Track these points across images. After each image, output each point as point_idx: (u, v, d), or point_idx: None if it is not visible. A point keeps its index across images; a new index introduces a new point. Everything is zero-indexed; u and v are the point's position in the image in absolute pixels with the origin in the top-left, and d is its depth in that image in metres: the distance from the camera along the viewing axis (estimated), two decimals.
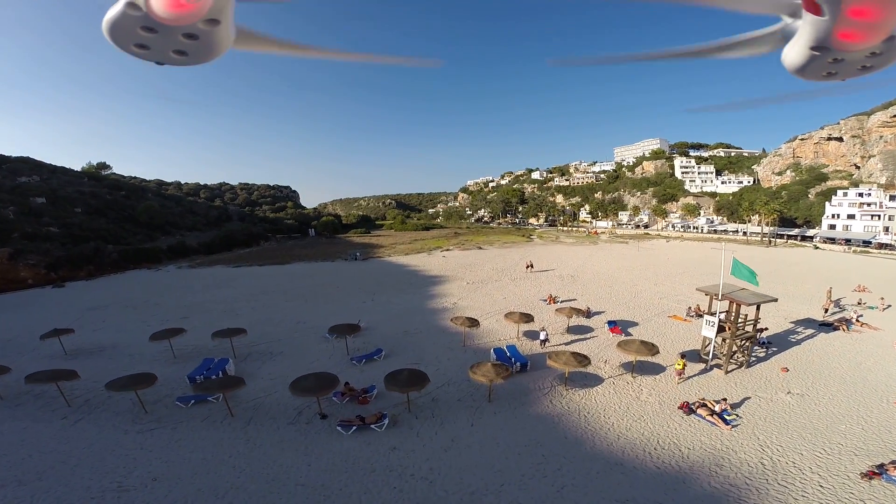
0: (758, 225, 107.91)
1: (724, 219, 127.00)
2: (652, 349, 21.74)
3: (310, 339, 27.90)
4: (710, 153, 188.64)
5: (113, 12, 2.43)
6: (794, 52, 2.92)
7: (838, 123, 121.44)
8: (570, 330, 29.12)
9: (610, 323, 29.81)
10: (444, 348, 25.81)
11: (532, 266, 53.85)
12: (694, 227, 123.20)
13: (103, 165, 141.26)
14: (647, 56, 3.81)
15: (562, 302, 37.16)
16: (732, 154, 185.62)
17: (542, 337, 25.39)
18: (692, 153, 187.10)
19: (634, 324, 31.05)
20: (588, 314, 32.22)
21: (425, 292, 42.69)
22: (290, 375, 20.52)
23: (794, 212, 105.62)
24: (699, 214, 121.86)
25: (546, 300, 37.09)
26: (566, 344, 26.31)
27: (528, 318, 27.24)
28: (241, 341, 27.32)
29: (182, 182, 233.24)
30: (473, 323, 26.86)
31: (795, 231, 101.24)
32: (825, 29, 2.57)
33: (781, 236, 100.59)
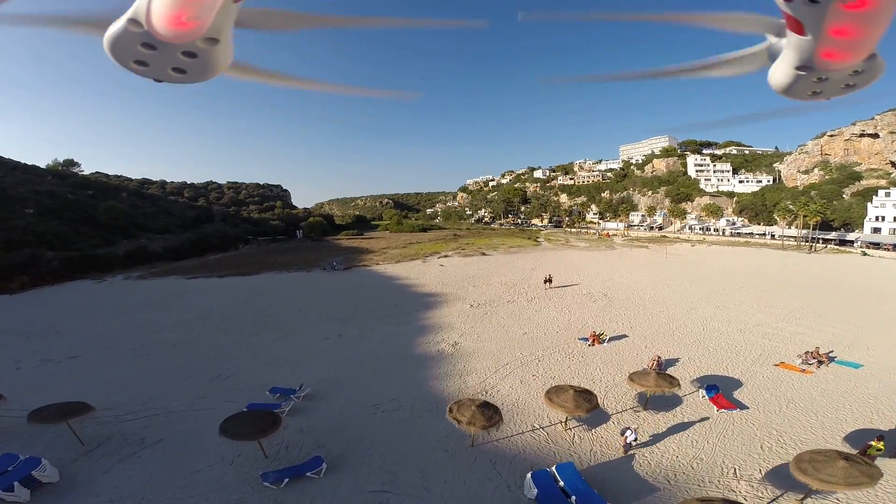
0: (790, 227, 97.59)
1: (746, 220, 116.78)
2: (867, 471, 11.00)
3: (217, 415, 16.88)
4: (722, 151, 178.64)
5: (114, 28, 2.43)
6: (779, 73, 2.94)
7: (873, 119, 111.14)
8: (646, 402, 18.27)
9: (709, 390, 18.90)
10: (439, 454, 14.87)
11: (551, 281, 43.06)
12: (715, 230, 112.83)
13: (71, 163, 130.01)
14: (634, 75, 3.80)
15: (609, 340, 26.34)
16: (747, 152, 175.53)
17: (627, 438, 14.48)
18: (705, 151, 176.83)
19: (734, 382, 20.31)
20: (660, 365, 21.47)
21: (415, 322, 31.77)
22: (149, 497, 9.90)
23: (831, 213, 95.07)
24: (722, 215, 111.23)
25: (588, 340, 26.16)
26: (654, 442, 15.46)
27: (586, 397, 16.08)
28: (99, 416, 16.60)
29: (168, 181, 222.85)
30: (491, 417, 14.73)
31: (833, 234, 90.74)
32: (809, 48, 2.60)
33: (816, 240, 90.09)
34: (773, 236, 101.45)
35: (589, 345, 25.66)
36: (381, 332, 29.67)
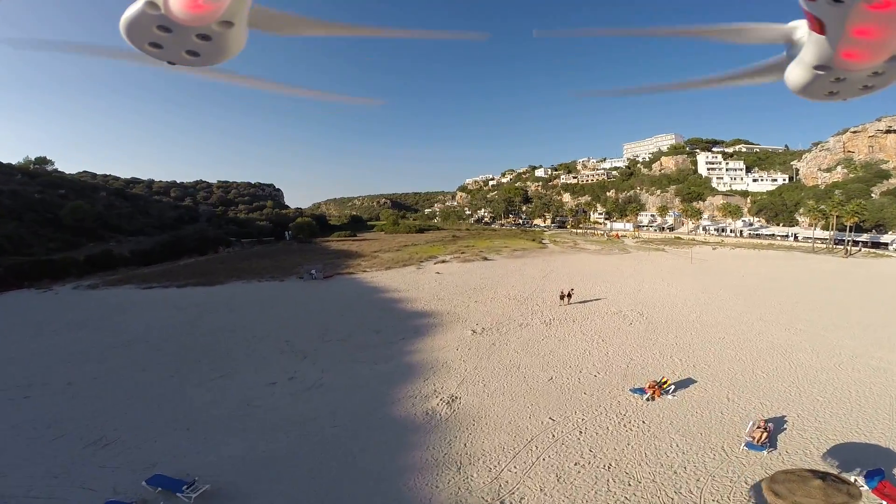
0: (815, 228, 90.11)
1: (763, 221, 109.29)
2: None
3: None
4: (732, 149, 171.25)
5: (131, 10, 2.45)
6: (797, 72, 2.91)
7: None
8: None
9: (870, 477, 11.33)
10: None
11: (570, 296, 35.33)
12: (731, 231, 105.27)
13: (43, 160, 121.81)
14: (661, 87, 3.98)
15: (674, 392, 18.52)
16: (757, 150, 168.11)
17: None
18: (714, 150, 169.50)
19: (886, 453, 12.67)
20: (769, 433, 13.82)
21: (397, 358, 23.96)
22: None
23: (867, 214, 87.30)
24: (741, 215, 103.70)
25: (647, 392, 18.27)
26: None
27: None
28: None
29: (155, 180, 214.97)
30: None
31: (865, 237, 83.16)
32: (829, 48, 2.56)
33: (842, 241, 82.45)
34: (795, 238, 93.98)
35: (647, 399, 17.88)
36: (349, 373, 21.88)
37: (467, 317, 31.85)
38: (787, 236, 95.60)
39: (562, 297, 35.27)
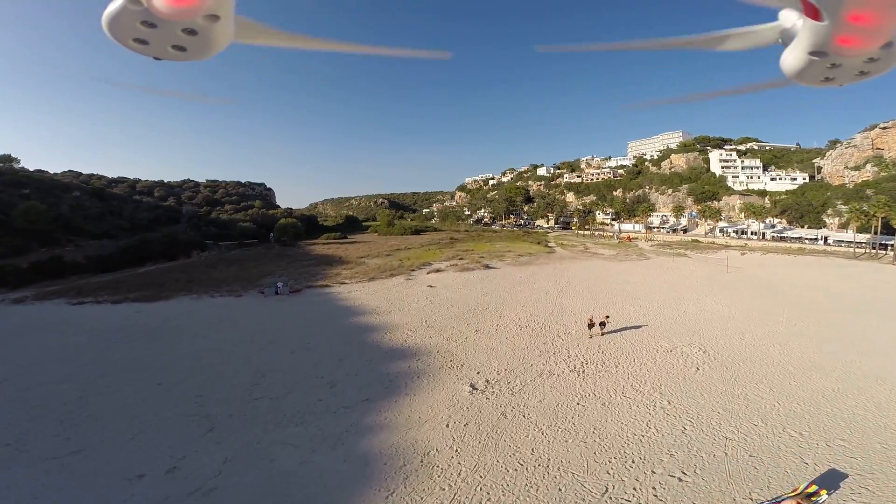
0: (847, 231, 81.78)
1: (786, 222, 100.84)
2: None
3: None
4: (745, 147, 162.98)
5: (113, 6, 2.40)
6: (792, 57, 2.89)
7: None
8: None
9: None
10: None
11: (604, 325, 26.68)
12: (753, 233, 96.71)
13: (8, 158, 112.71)
14: (639, 45, 3.68)
15: None
16: (768, 148, 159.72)
17: None
18: (726, 148, 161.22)
19: None
20: None
21: (351, 437, 15.17)
22: None
23: None
24: (766, 216, 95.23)
25: None
26: None
27: None
28: None
29: (141, 179, 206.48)
30: None
31: None
32: (824, 34, 2.54)
33: (885, 245, 73.94)
34: (825, 241, 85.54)
35: None
36: (265, 468, 13.16)
37: (464, 358, 23.17)
38: (816, 239, 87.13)
39: (590, 326, 26.59)
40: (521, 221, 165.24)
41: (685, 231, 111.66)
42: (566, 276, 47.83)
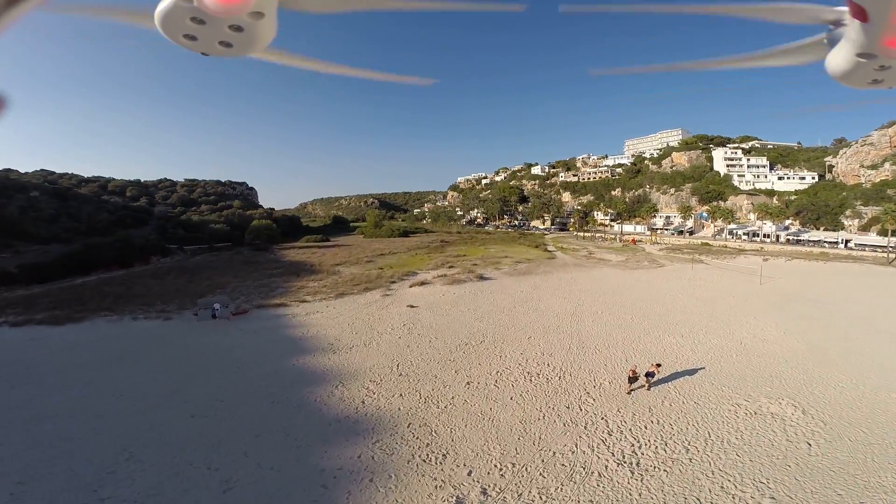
0: (868, 233, 75.33)
1: (798, 223, 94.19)
2: None
3: None
4: (748, 145, 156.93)
5: (165, 3, 2.46)
6: (839, 59, 2.79)
7: None
8: None
9: None
10: None
11: (652, 376, 18.67)
12: (765, 236, 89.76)
13: None
14: (685, 66, 3.59)
15: None
16: (770, 147, 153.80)
17: None
18: (728, 146, 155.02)
19: None
20: None
21: None
22: None
23: None
24: (784, 217, 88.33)
25: None
26: None
27: None
28: None
29: (115, 178, 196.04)
30: None
31: None
32: (872, 36, 2.47)
33: None
34: (846, 244, 78.82)
35: None
36: None
37: (449, 442, 15.03)
38: (836, 242, 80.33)
39: (632, 380, 18.59)
40: (516, 222, 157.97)
41: (691, 233, 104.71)
42: (576, 292, 39.86)
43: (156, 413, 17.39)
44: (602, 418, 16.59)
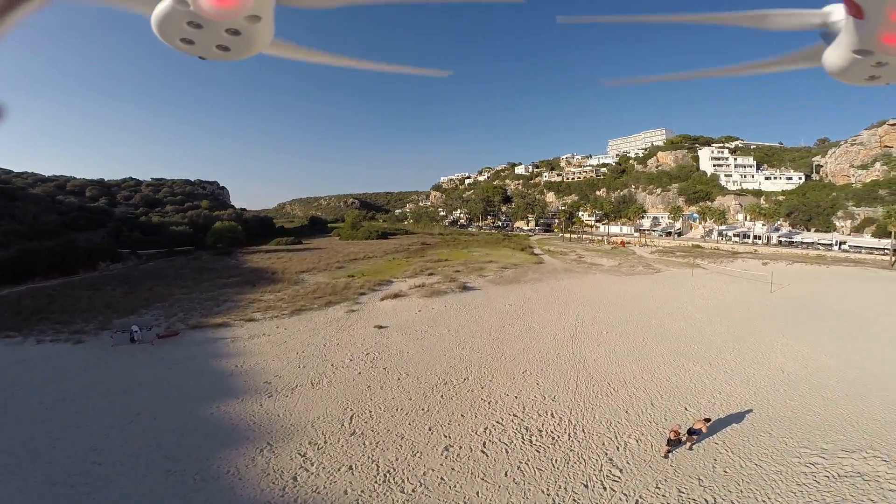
0: (862, 235, 72.93)
1: (787, 224, 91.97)
2: None
3: None
4: (733, 145, 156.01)
5: (161, 7, 2.43)
6: (835, 56, 2.78)
7: None
8: None
9: None
10: None
11: (697, 434, 13.55)
12: (757, 238, 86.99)
13: None
14: (692, 75, 3.45)
15: None
16: (753, 147, 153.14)
17: None
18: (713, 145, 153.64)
19: None
20: None
21: None
22: None
23: None
24: (778, 218, 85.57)
25: None
26: None
27: None
28: None
29: (77, 177, 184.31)
30: None
31: None
32: (869, 32, 2.46)
33: None
34: (840, 246, 76.24)
35: None
36: None
37: None
38: (830, 244, 77.75)
39: (676, 443, 13.44)
40: (500, 223, 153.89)
41: (679, 234, 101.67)
42: (572, 304, 34.77)
43: (4, 477, 11.49)
44: (636, 502, 11.37)
